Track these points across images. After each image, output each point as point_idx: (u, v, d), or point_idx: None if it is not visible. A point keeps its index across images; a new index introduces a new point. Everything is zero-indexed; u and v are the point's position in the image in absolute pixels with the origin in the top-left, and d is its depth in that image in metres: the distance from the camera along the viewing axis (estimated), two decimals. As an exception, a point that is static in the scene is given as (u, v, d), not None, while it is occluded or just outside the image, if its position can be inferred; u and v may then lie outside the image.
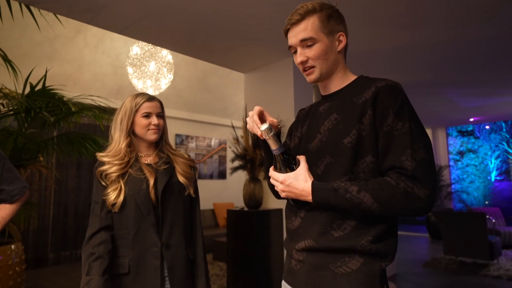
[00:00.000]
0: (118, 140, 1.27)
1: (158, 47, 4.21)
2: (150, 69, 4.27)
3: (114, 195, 1.19)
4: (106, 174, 1.21)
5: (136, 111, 1.27)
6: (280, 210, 3.25)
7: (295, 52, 0.95)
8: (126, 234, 1.21)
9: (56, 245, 4.76)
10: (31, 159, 2.80)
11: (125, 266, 1.19)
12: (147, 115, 1.27)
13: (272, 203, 3.37)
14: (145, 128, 1.27)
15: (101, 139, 3.16)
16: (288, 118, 3.25)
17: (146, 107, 1.27)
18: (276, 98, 3.45)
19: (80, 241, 4.98)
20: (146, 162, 1.30)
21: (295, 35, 0.92)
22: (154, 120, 1.27)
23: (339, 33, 0.93)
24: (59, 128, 2.98)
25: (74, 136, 2.99)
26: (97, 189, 1.24)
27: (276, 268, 3.11)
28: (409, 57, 3.46)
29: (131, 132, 1.29)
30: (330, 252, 0.84)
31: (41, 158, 3.07)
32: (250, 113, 0.93)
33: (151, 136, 1.28)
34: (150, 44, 3.97)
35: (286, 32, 0.96)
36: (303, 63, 0.93)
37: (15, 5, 2.50)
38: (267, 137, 0.85)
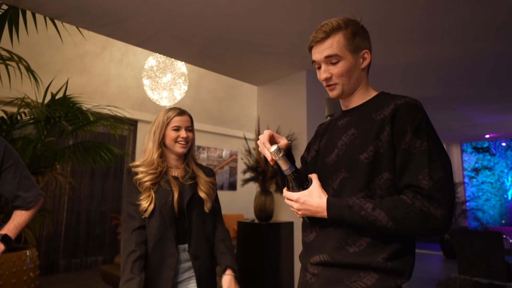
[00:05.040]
0: (151, 150, 1.36)
1: (173, 59, 4.31)
2: (163, 81, 4.36)
3: (146, 202, 1.28)
4: (140, 183, 1.31)
5: (168, 124, 1.36)
6: (291, 223, 3.23)
7: (319, 68, 0.95)
8: (148, 241, 1.28)
9: (67, 252, 4.81)
10: (48, 167, 2.87)
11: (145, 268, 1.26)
12: (177, 129, 1.36)
13: (283, 215, 3.35)
14: (174, 140, 1.36)
15: (116, 148, 3.22)
16: (301, 132, 3.26)
17: (176, 120, 1.36)
18: (288, 111, 3.46)
19: (91, 249, 5.04)
20: (173, 175, 1.39)
21: (320, 52, 0.92)
22: (183, 133, 1.36)
23: (364, 51, 0.93)
24: (75, 136, 3.06)
25: (89, 145, 3.06)
26: (132, 192, 1.32)
27: (285, 281, 3.07)
28: (423, 72, 3.45)
29: (162, 144, 1.38)
30: (345, 267, 0.84)
31: (58, 166, 3.14)
32: (260, 137, 0.93)
33: (179, 149, 1.37)
34: (164, 57, 4.07)
35: (310, 48, 0.96)
36: (327, 79, 0.93)
37: (49, 25, 2.62)
38: (276, 157, 0.86)
